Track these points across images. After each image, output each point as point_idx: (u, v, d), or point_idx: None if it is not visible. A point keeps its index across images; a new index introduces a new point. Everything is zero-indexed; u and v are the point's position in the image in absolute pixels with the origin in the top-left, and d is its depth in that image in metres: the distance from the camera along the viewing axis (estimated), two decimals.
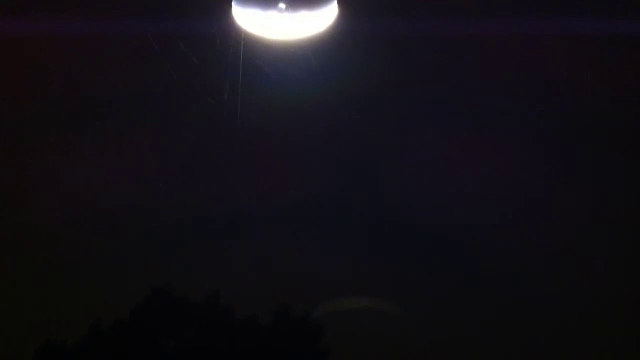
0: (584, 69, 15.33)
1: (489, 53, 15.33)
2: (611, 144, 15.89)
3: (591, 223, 15.86)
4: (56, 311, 14.78)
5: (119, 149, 15.60)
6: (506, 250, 15.91)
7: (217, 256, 15.76)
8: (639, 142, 15.69)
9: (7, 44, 13.76)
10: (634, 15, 14.07)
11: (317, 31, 12.58)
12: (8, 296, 14.68)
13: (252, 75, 12.69)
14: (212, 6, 12.30)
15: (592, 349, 14.70)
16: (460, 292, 15.69)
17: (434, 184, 16.22)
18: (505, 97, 15.72)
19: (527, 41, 14.80)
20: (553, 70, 15.74)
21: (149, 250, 15.52)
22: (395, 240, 16.12)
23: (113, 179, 15.62)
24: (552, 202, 16.03)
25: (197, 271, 15.39)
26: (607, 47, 14.99)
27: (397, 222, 16.05)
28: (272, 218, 15.83)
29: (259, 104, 13.49)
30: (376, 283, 15.83)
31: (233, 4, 11.96)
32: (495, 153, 15.88)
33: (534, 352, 14.92)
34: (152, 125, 15.41)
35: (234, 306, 15.28)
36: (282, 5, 11.80)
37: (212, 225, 16.14)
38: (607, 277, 15.29)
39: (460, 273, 15.96)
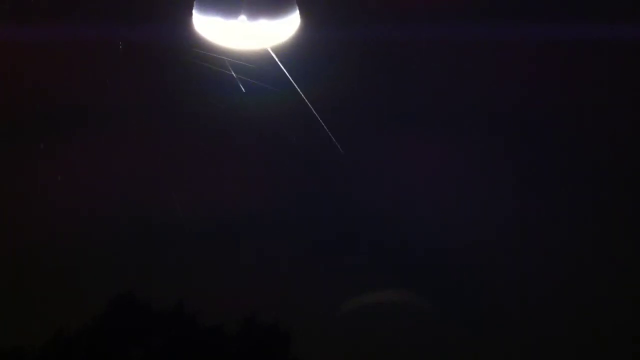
0: (567, 73, 15.43)
1: (452, 57, 15.42)
2: (611, 147, 15.94)
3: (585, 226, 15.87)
4: (20, 318, 14.74)
5: (79, 157, 15.61)
6: (497, 251, 15.89)
7: (187, 264, 15.77)
8: (635, 144, 15.74)
9: None
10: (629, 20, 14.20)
11: (279, 40, 12.65)
12: None
13: (213, 84, 12.75)
14: (173, 15, 12.35)
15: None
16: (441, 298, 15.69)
17: (407, 187, 16.25)
18: (474, 100, 15.81)
19: (491, 45, 14.95)
20: (520, 74, 15.85)
21: (115, 258, 15.51)
22: (370, 246, 16.16)
23: (75, 187, 15.62)
24: (545, 206, 16.03)
25: (166, 280, 15.39)
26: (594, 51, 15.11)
27: (368, 228, 16.09)
28: (241, 225, 15.84)
29: (221, 112, 13.54)
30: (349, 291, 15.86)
31: (194, 12, 12.01)
32: (465, 157, 15.94)
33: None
34: (111, 134, 15.41)
35: (201, 315, 15.25)
36: (243, 15, 11.86)
37: (182, 233, 16.14)
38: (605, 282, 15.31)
39: (445, 275, 15.96)
